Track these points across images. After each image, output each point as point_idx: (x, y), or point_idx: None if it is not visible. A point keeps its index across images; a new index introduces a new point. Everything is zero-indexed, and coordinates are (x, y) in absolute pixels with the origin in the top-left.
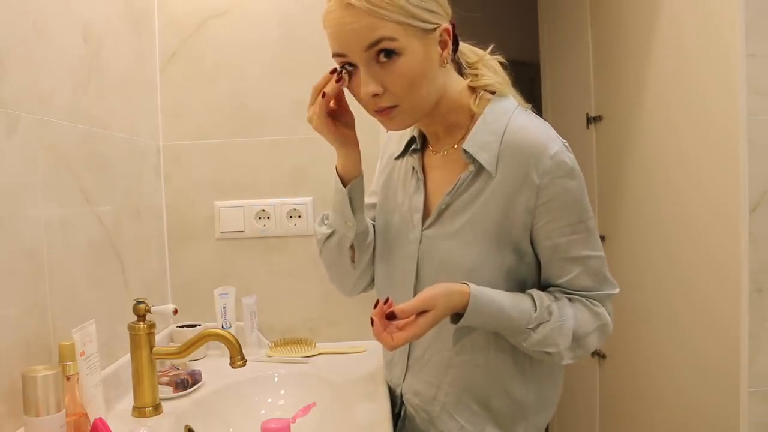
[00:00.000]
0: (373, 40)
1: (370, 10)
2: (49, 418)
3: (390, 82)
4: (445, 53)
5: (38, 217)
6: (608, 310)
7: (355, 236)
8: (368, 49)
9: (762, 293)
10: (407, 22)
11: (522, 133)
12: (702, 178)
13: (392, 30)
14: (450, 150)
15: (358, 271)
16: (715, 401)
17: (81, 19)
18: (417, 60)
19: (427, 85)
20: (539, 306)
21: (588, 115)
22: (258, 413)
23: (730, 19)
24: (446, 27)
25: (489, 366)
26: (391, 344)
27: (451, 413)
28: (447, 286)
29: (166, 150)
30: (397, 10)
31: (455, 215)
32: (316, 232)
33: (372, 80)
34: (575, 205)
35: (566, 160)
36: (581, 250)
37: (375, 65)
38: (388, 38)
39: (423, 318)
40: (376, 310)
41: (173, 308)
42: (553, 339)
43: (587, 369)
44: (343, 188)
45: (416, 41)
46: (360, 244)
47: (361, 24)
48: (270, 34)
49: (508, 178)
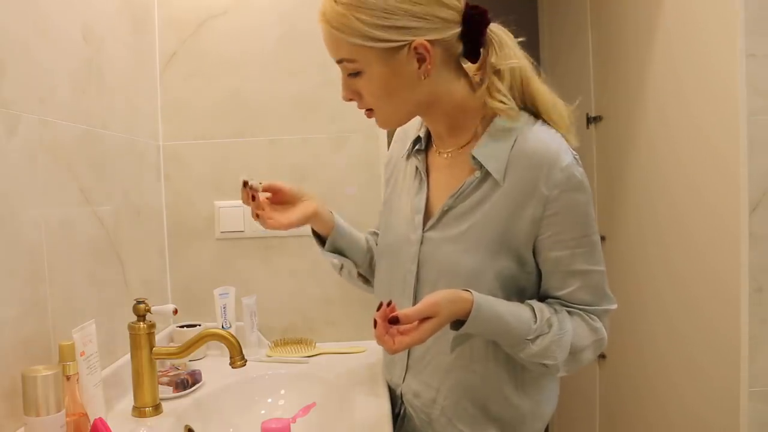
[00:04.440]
0: (336, 58)
1: (330, 31)
2: (49, 418)
3: (361, 92)
4: (423, 68)
5: (38, 217)
6: (605, 325)
7: (358, 266)
8: (338, 63)
9: (762, 293)
10: (364, 44)
11: (533, 143)
12: (702, 178)
13: (349, 52)
14: (455, 152)
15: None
16: (714, 401)
17: (81, 19)
18: (380, 78)
19: (401, 95)
20: (539, 318)
21: (588, 115)
22: (258, 413)
23: (730, 19)
24: (421, 42)
25: (487, 372)
26: (393, 348)
27: (449, 417)
28: (451, 293)
29: (166, 150)
30: (352, 32)
31: (458, 219)
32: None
33: (345, 87)
34: (582, 220)
35: (576, 173)
36: (583, 264)
37: (346, 76)
38: (346, 60)
39: (426, 324)
40: (379, 312)
41: (173, 308)
42: (552, 352)
43: (587, 369)
44: (323, 249)
45: (377, 61)
46: (367, 269)
47: (329, 40)
48: (270, 34)
49: (516, 187)
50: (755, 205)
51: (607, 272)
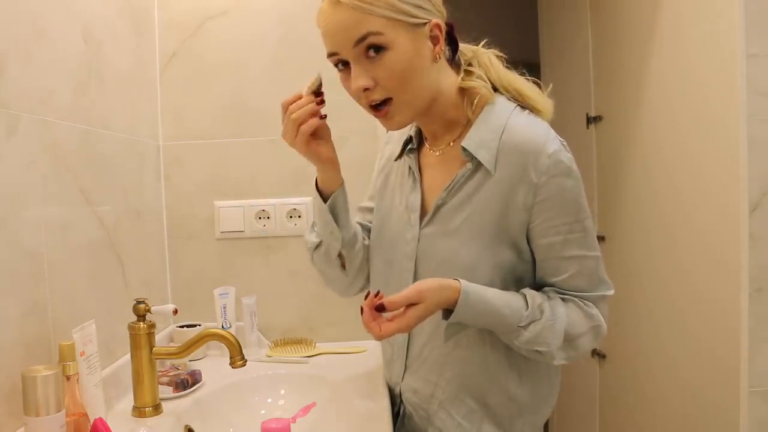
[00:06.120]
0: (361, 36)
1: (356, 6)
2: (49, 418)
3: (380, 76)
4: (437, 49)
5: (38, 217)
6: (602, 312)
7: (343, 245)
8: (357, 45)
9: (762, 293)
10: (394, 17)
11: (521, 132)
12: (702, 178)
13: (378, 25)
14: (447, 148)
15: (350, 276)
16: (715, 401)
17: (81, 19)
18: (405, 54)
19: (419, 79)
20: (531, 304)
21: (588, 115)
22: (258, 413)
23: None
24: (437, 22)
25: (485, 364)
26: (379, 334)
27: (448, 410)
28: (438, 281)
29: (166, 150)
30: (383, 5)
31: (453, 212)
32: (306, 240)
33: (362, 75)
34: (572, 205)
35: (564, 159)
36: (577, 249)
37: (365, 61)
38: (374, 33)
39: (412, 310)
40: (366, 300)
41: (173, 308)
42: (544, 338)
43: (587, 369)
44: (323, 204)
45: (404, 36)
46: (348, 252)
47: (349, 20)
48: (270, 34)
49: (507, 176)
50: (755, 205)
51: (607, 272)
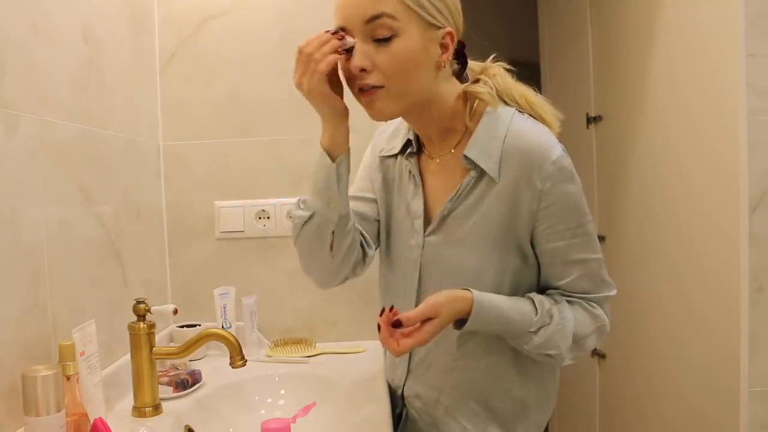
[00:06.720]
0: (375, 14)
1: None
2: (49, 418)
3: (381, 61)
4: (443, 57)
5: (38, 216)
6: (606, 311)
7: (338, 220)
8: (368, 23)
9: (762, 293)
10: (412, 6)
11: (524, 138)
12: (702, 178)
13: (394, 8)
14: (447, 156)
15: (336, 259)
16: (714, 401)
17: (81, 19)
18: (412, 46)
19: (417, 76)
20: (540, 310)
21: (588, 115)
22: (258, 413)
23: (730, 19)
24: (450, 31)
25: (490, 368)
26: (398, 350)
27: (453, 415)
28: (450, 293)
29: (166, 150)
30: None
31: (458, 221)
32: (293, 217)
33: (364, 55)
34: (575, 210)
35: (566, 165)
36: (580, 253)
37: (371, 43)
38: (388, 15)
39: (428, 325)
40: (382, 317)
41: (173, 308)
42: (555, 342)
43: (587, 369)
44: (331, 163)
45: (416, 28)
46: (341, 229)
47: None
48: (270, 34)
49: (511, 182)
50: (755, 205)
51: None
